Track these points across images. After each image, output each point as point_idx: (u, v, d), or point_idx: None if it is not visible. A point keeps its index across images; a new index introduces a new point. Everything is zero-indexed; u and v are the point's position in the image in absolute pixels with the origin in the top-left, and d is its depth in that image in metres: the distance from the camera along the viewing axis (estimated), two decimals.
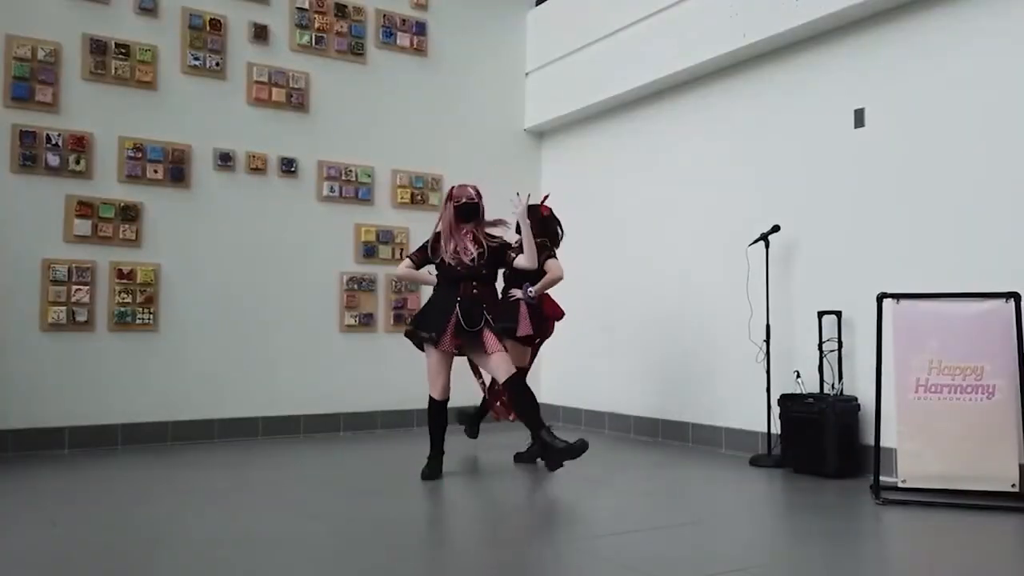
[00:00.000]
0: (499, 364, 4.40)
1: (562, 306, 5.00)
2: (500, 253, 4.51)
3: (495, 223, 4.62)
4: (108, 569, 2.86)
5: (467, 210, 4.46)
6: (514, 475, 4.61)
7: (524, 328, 4.74)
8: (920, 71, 4.51)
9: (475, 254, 4.42)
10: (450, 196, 4.52)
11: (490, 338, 4.41)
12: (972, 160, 4.26)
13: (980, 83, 4.25)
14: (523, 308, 4.76)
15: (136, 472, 4.62)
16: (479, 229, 4.51)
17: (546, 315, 4.88)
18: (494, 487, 4.29)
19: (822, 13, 4.74)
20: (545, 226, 4.87)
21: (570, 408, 6.82)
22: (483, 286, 4.48)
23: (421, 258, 4.61)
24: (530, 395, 4.45)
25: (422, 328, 4.46)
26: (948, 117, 4.38)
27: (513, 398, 4.43)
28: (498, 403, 4.94)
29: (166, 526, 3.42)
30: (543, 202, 5.01)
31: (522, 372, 4.73)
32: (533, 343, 4.96)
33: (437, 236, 4.54)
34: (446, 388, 4.49)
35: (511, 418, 4.90)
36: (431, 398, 4.50)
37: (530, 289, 4.74)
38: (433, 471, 4.46)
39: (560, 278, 4.76)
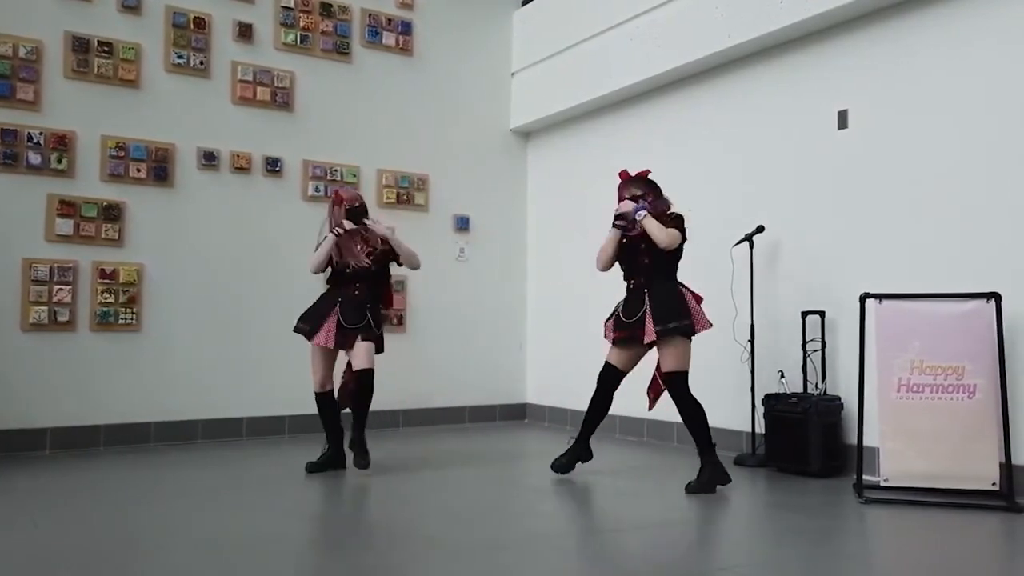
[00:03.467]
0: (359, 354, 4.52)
1: (548, 305, 4.96)
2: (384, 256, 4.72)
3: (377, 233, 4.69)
4: (91, 570, 2.84)
5: (355, 212, 4.66)
6: (498, 476, 4.61)
7: (702, 324, 4.15)
8: (903, 73, 4.54)
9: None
10: (338, 200, 4.71)
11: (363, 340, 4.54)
12: (955, 161, 4.30)
13: (964, 85, 4.29)
14: (690, 301, 4.15)
15: (119, 473, 4.59)
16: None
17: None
18: (478, 488, 4.29)
19: (807, 15, 4.76)
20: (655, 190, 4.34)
21: (556, 408, 6.83)
22: (364, 285, 4.66)
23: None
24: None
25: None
26: (931, 119, 4.41)
27: (356, 396, 4.50)
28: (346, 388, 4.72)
29: (149, 527, 3.39)
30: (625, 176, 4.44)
31: (685, 375, 4.15)
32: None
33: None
34: (323, 382, 4.62)
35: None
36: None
37: (640, 210, 4.15)
38: (313, 464, 4.61)
39: (665, 244, 4.14)
